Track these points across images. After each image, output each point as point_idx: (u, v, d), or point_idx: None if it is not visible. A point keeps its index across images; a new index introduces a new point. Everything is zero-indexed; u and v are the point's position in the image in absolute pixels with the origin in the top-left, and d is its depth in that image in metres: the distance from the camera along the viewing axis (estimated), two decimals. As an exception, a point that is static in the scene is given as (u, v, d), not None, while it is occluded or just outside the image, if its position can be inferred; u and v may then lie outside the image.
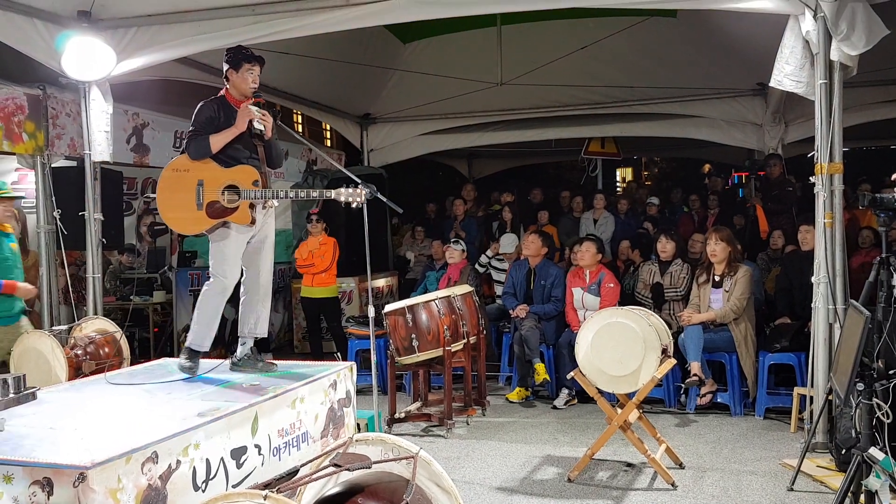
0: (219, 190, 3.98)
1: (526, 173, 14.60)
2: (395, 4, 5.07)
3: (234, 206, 3.97)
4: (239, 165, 4.02)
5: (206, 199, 3.98)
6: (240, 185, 3.98)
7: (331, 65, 7.51)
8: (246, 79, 4.08)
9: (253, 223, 4.04)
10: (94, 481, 2.53)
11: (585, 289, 6.16)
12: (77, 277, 7.01)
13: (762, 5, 4.62)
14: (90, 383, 4.06)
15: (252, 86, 4.09)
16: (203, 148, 3.99)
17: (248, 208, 3.98)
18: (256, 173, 4.00)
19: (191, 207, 4.00)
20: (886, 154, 12.66)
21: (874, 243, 6.33)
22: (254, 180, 3.99)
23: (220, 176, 4.01)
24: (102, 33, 5.38)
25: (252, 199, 3.99)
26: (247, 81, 4.08)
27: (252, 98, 4.09)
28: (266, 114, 4.08)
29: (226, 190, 3.99)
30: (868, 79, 6.63)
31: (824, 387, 4.43)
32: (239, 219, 3.98)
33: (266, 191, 4.01)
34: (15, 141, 5.57)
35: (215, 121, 4.02)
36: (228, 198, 3.98)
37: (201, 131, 4.00)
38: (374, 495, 2.11)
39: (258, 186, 3.99)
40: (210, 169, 4.01)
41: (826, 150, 4.49)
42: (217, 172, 4.01)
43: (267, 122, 4.07)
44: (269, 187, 4.10)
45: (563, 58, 7.72)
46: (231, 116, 4.05)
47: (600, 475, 4.37)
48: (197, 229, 4.07)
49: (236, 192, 3.98)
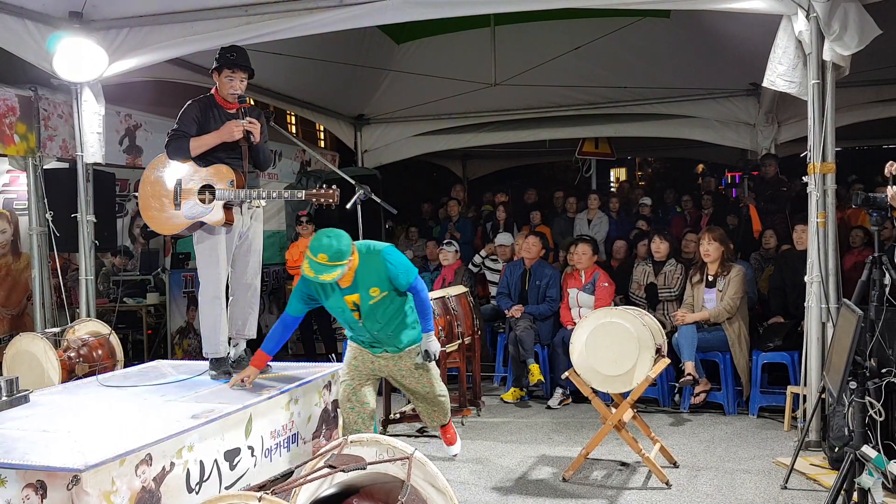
0: (195, 190, 3.96)
1: (520, 174, 14.62)
2: (388, 5, 5.06)
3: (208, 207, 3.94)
4: (215, 165, 3.98)
5: (183, 198, 3.95)
6: (215, 184, 3.94)
7: (324, 65, 7.50)
8: (225, 84, 4.05)
9: (228, 224, 4.00)
10: (87, 484, 2.52)
11: (580, 288, 6.18)
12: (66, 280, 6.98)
13: (755, 6, 4.63)
14: (83, 386, 4.05)
15: (231, 91, 4.05)
16: (182, 150, 3.97)
17: (222, 209, 3.94)
18: (232, 173, 3.96)
19: (168, 207, 3.98)
20: (878, 154, 12.72)
21: (865, 243, 6.36)
22: (229, 180, 3.94)
23: (196, 176, 3.98)
24: (94, 34, 5.35)
25: (226, 200, 3.94)
26: (225, 87, 4.05)
27: (237, 104, 4.05)
28: (254, 121, 4.03)
29: (202, 190, 3.96)
30: (860, 79, 6.68)
31: (817, 385, 4.44)
32: (213, 219, 3.94)
33: (240, 191, 3.95)
34: (6, 143, 5.54)
35: (199, 121, 3.99)
36: (201, 196, 3.95)
37: (183, 132, 3.98)
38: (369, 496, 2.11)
39: (234, 187, 3.94)
40: (188, 168, 3.99)
41: (819, 149, 4.51)
42: (193, 172, 3.99)
43: (254, 128, 4.03)
44: (251, 187, 4.05)
45: (557, 58, 7.73)
46: (217, 117, 4.02)
47: (595, 474, 4.37)
48: (175, 229, 4.05)
49: (212, 192, 3.95)
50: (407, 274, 3.76)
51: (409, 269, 3.80)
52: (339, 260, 3.47)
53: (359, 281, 3.68)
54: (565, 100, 9.01)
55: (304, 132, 16.74)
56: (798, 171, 5.23)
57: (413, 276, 3.79)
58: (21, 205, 6.79)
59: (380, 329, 3.82)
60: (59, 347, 4.78)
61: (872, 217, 3.71)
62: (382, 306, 3.75)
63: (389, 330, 3.86)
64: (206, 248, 4.03)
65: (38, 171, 5.75)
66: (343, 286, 3.69)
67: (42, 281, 5.84)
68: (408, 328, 3.92)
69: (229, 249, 4.09)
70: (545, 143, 11.06)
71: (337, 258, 3.46)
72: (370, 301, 3.71)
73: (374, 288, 3.69)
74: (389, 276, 3.71)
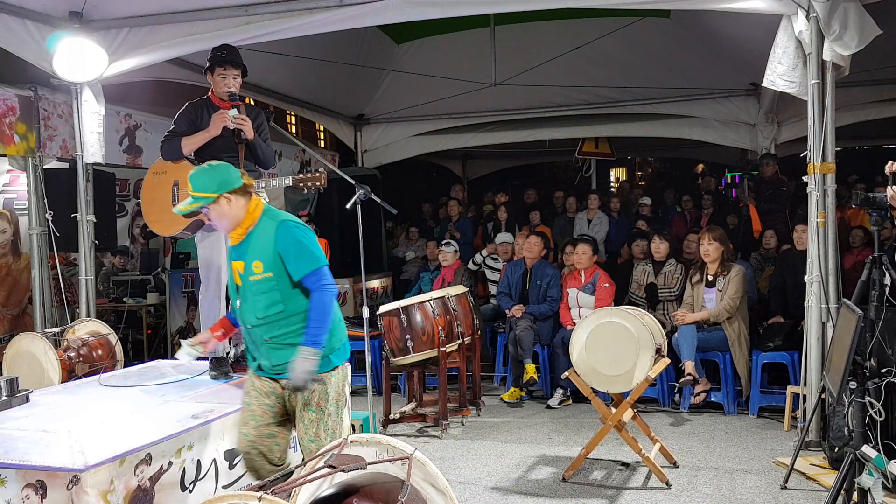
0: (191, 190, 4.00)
1: (520, 174, 14.62)
2: (388, 5, 5.06)
3: None
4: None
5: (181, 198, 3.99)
6: None
7: (324, 65, 7.50)
8: (219, 82, 4.06)
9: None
10: (87, 484, 2.52)
11: (581, 288, 6.18)
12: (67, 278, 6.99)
13: (755, 5, 4.63)
14: (83, 386, 4.05)
15: (225, 90, 4.06)
16: (174, 149, 4.00)
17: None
18: None
19: (168, 209, 4.02)
20: (878, 154, 12.72)
21: (865, 242, 6.36)
22: None
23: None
24: (94, 34, 5.35)
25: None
26: (219, 85, 4.06)
27: (230, 102, 4.06)
28: (245, 118, 4.05)
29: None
30: (860, 79, 6.67)
31: (817, 385, 4.44)
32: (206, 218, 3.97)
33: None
34: (6, 143, 5.54)
35: (195, 122, 4.02)
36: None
37: (177, 132, 4.00)
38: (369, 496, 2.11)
39: None
40: (185, 169, 4.02)
41: (819, 149, 4.51)
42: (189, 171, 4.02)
43: (245, 125, 4.03)
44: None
45: (558, 58, 7.73)
46: (211, 116, 4.04)
47: (595, 474, 4.37)
48: (174, 230, 4.10)
49: None
50: (307, 260, 2.94)
51: (313, 256, 2.96)
52: (201, 191, 2.93)
53: (249, 245, 2.99)
54: (565, 100, 9.01)
55: (304, 132, 16.72)
56: (798, 171, 5.23)
57: (315, 266, 2.95)
58: (21, 205, 6.80)
59: (257, 325, 3.00)
60: (59, 347, 4.78)
61: (872, 217, 3.71)
62: (265, 293, 2.95)
63: (270, 333, 3.00)
64: (207, 247, 4.04)
65: (38, 171, 5.75)
66: (231, 243, 3.06)
67: (42, 281, 5.84)
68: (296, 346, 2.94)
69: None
70: (545, 143, 11.06)
71: (200, 188, 2.93)
72: (251, 277, 2.98)
73: (258, 262, 2.96)
74: (279, 252, 2.93)
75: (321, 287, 2.95)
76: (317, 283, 2.94)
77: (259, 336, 3.02)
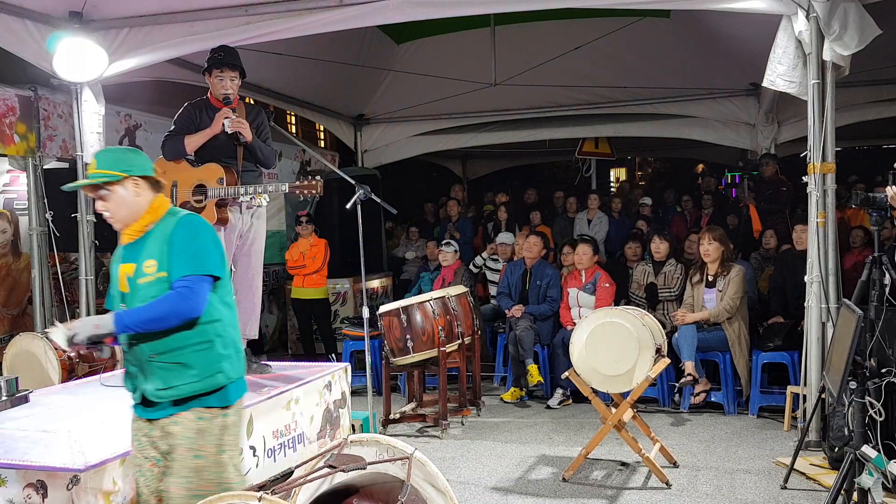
0: (189, 190, 4.00)
1: (520, 174, 14.62)
2: (388, 5, 5.06)
3: (201, 206, 3.97)
4: (207, 164, 4.01)
5: (179, 200, 4.00)
6: (206, 183, 3.99)
7: (324, 65, 7.50)
8: (215, 84, 4.08)
9: (222, 223, 4.01)
10: (87, 484, 2.52)
11: (580, 288, 6.18)
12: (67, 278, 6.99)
13: (755, 6, 4.63)
14: (84, 386, 4.05)
15: (222, 92, 4.07)
16: (178, 149, 4.01)
17: (213, 207, 3.96)
18: (222, 171, 3.98)
19: None
20: (878, 154, 12.73)
21: (865, 242, 6.37)
22: (218, 178, 3.97)
23: (190, 176, 4.03)
24: (94, 34, 5.35)
25: (217, 198, 3.97)
26: (216, 87, 4.07)
27: (226, 105, 4.08)
28: (242, 121, 4.07)
29: (195, 189, 4.00)
30: (860, 79, 6.67)
31: (817, 385, 4.44)
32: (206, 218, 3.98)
33: (229, 188, 3.99)
34: (6, 142, 5.54)
35: (195, 121, 4.03)
36: (196, 198, 3.99)
37: (179, 132, 4.01)
38: (369, 496, 2.11)
39: (223, 184, 3.97)
40: (183, 170, 4.04)
41: (819, 149, 4.51)
42: (188, 173, 4.04)
43: (242, 127, 4.05)
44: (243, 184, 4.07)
45: (558, 58, 7.73)
46: (211, 117, 4.06)
47: (595, 474, 4.37)
48: None
49: (204, 191, 3.99)
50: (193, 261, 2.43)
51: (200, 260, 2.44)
52: (107, 168, 2.48)
53: (144, 245, 2.52)
54: (565, 100, 9.01)
55: (304, 132, 16.72)
56: (798, 171, 5.23)
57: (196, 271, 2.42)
58: (21, 205, 6.79)
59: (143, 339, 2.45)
60: (59, 347, 4.78)
61: (872, 217, 3.72)
62: (156, 297, 2.43)
63: (157, 348, 2.44)
64: None
65: (38, 170, 5.75)
66: (123, 242, 2.60)
67: (42, 281, 5.84)
68: (190, 367, 2.42)
69: (230, 249, 4.10)
70: (545, 143, 11.07)
71: (107, 165, 2.49)
72: (141, 279, 2.49)
73: (151, 261, 2.48)
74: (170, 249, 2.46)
75: (186, 294, 2.38)
76: (185, 288, 2.39)
77: (144, 353, 2.45)
